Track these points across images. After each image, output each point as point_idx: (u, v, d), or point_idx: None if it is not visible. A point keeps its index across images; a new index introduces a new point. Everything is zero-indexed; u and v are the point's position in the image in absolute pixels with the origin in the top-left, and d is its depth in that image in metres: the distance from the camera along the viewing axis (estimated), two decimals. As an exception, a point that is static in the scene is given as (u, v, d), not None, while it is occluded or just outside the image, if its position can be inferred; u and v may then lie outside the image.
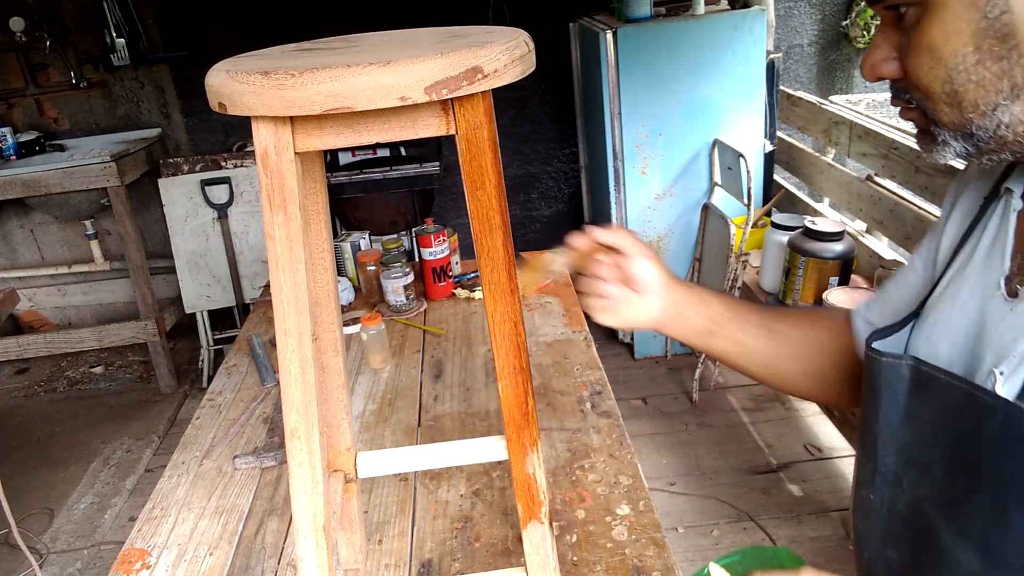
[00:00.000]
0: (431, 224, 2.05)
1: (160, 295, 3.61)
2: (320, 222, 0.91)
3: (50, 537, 2.59)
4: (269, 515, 1.30)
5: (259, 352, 1.83)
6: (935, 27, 0.58)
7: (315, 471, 0.84)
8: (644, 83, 2.82)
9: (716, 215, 2.88)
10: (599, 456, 1.35)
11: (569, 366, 1.65)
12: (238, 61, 0.75)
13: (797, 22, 3.47)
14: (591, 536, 1.16)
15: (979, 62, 0.57)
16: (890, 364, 0.68)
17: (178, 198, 3.26)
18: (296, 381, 0.80)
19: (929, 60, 0.59)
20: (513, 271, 0.79)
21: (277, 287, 0.78)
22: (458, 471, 1.35)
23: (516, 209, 3.77)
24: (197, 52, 3.42)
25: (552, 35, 3.39)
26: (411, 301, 1.99)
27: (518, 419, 0.84)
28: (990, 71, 0.57)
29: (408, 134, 0.73)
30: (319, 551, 0.86)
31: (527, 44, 0.74)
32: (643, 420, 2.85)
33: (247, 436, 1.53)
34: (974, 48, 0.57)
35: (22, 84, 3.48)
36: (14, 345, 3.46)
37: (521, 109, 3.57)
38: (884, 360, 0.69)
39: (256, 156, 0.73)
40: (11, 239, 3.79)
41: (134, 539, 1.27)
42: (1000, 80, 0.57)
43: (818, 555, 2.13)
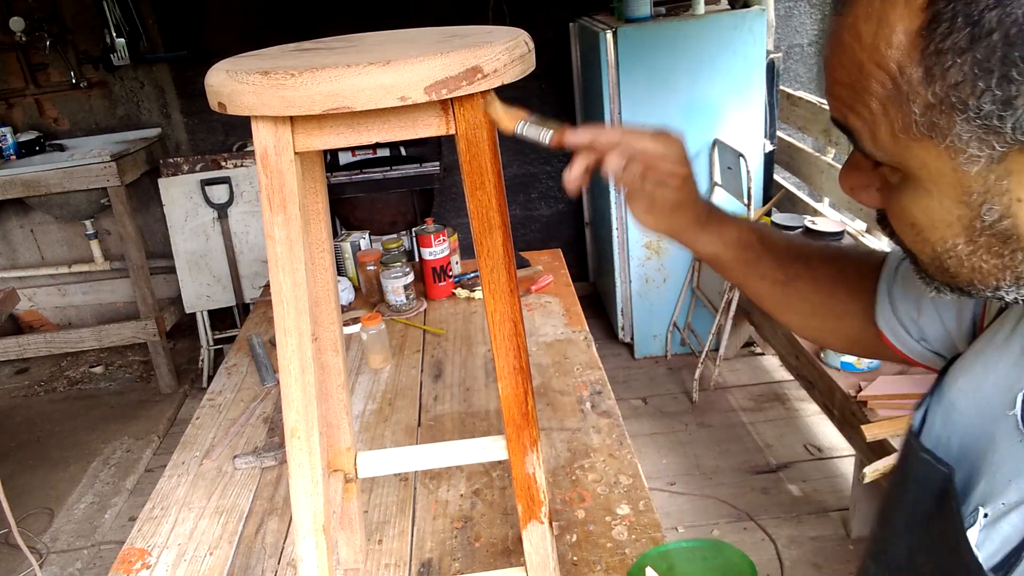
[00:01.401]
0: (431, 224, 2.05)
1: (160, 295, 3.61)
2: (320, 222, 0.91)
3: (50, 537, 2.59)
4: (269, 515, 1.30)
5: (259, 352, 1.83)
6: (917, 209, 0.50)
7: (315, 471, 0.84)
8: (644, 83, 2.82)
9: (716, 215, 2.88)
10: (599, 456, 1.35)
11: (569, 366, 1.65)
12: (238, 61, 0.75)
13: (797, 22, 3.47)
14: (591, 536, 1.16)
15: (973, 253, 0.49)
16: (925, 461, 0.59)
17: (178, 198, 3.26)
18: (296, 381, 0.80)
19: (912, 235, 0.52)
20: (513, 271, 0.79)
21: (277, 287, 0.78)
22: (458, 471, 1.35)
23: (516, 209, 3.77)
24: (197, 52, 3.41)
25: (552, 35, 3.39)
26: (411, 301, 1.99)
27: (518, 419, 0.84)
28: (987, 264, 0.49)
29: (408, 134, 0.73)
30: (319, 551, 0.86)
31: (527, 44, 0.74)
32: (643, 420, 2.85)
33: (247, 436, 1.53)
34: (967, 241, 0.49)
35: (22, 84, 3.48)
36: (14, 345, 3.46)
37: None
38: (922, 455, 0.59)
39: (256, 156, 0.73)
40: (11, 239, 3.79)
41: (134, 539, 1.27)
42: (1002, 272, 0.49)
43: (818, 555, 2.13)
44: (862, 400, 1.94)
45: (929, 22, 0.42)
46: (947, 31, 0.41)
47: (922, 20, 0.42)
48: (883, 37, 0.44)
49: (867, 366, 2.06)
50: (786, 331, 2.42)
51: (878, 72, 0.45)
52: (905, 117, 0.45)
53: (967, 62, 0.41)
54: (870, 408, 1.92)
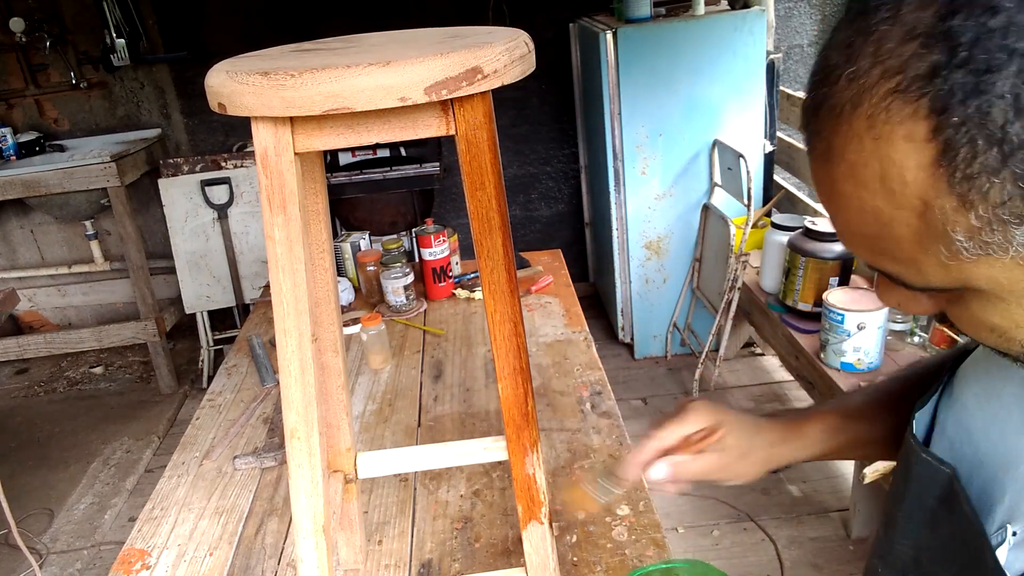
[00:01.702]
0: (431, 224, 2.05)
1: (160, 295, 3.61)
2: (320, 223, 0.91)
3: (50, 537, 2.59)
4: (269, 515, 1.30)
5: (259, 352, 1.83)
6: (995, 315, 0.45)
7: (315, 471, 0.84)
8: (644, 83, 2.82)
9: (716, 215, 2.88)
10: (599, 456, 1.35)
11: (569, 366, 1.65)
12: (238, 61, 0.75)
13: (797, 22, 3.47)
14: (591, 536, 1.16)
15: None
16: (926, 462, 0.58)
17: (178, 198, 3.26)
18: (296, 381, 0.80)
19: (994, 337, 0.47)
20: (513, 271, 0.79)
21: (277, 287, 0.78)
22: (458, 471, 1.35)
23: (516, 209, 3.76)
24: (197, 52, 3.41)
25: (552, 35, 3.39)
26: (411, 301, 1.99)
27: (518, 420, 0.84)
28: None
29: (408, 134, 0.73)
30: (319, 551, 0.86)
31: (527, 44, 0.74)
32: (643, 420, 2.85)
33: (247, 436, 1.53)
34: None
35: (22, 84, 3.48)
36: (14, 345, 3.46)
37: (521, 109, 3.57)
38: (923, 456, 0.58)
39: (256, 156, 0.73)
40: (11, 239, 3.79)
41: (134, 539, 1.27)
42: None
43: (818, 555, 2.13)
44: (862, 400, 1.94)
45: (944, 151, 0.38)
46: (970, 155, 0.37)
47: (934, 151, 0.38)
48: (893, 179, 0.40)
49: (867, 366, 2.06)
50: (786, 331, 2.42)
51: (900, 214, 0.41)
52: (950, 246, 0.40)
53: (1007, 179, 0.37)
54: (870, 408, 1.92)
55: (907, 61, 0.38)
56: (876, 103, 0.39)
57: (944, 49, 0.36)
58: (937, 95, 0.37)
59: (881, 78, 0.39)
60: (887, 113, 0.39)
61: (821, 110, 0.43)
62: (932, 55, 0.37)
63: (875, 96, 0.39)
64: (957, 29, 0.36)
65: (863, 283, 2.39)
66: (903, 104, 0.38)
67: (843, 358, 2.08)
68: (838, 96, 0.41)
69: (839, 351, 2.07)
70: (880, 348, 2.05)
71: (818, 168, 0.45)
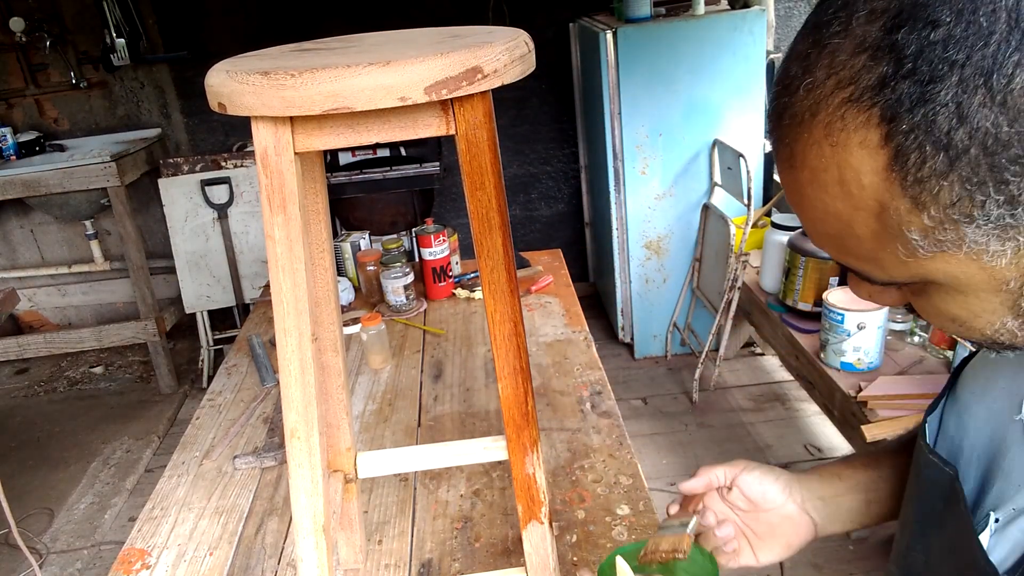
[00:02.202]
0: (431, 224, 2.05)
1: (160, 295, 3.61)
2: (320, 222, 0.91)
3: (50, 537, 2.59)
4: (269, 515, 1.30)
5: (259, 352, 1.83)
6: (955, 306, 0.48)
7: (315, 471, 0.84)
8: (644, 83, 2.82)
9: (716, 215, 2.88)
10: (599, 456, 1.35)
11: (569, 366, 1.65)
12: (238, 61, 0.75)
13: (797, 22, 3.47)
14: (591, 536, 1.16)
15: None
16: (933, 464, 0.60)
17: (178, 198, 3.26)
18: (296, 381, 0.80)
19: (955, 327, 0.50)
20: (513, 271, 0.79)
21: (277, 287, 0.78)
22: (458, 471, 1.35)
23: (516, 209, 3.77)
24: (197, 52, 3.41)
25: (552, 35, 3.39)
26: (411, 301, 1.99)
27: (518, 419, 0.84)
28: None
29: (408, 134, 0.73)
30: (319, 551, 0.86)
31: (527, 44, 0.74)
32: (643, 420, 2.85)
33: (247, 436, 1.53)
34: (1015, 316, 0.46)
35: (22, 84, 3.48)
36: (14, 345, 3.46)
37: (521, 109, 3.57)
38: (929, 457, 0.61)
39: (256, 156, 0.73)
40: (11, 239, 3.79)
41: (134, 539, 1.27)
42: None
43: (818, 555, 2.13)
44: (862, 400, 1.94)
45: (895, 157, 0.40)
46: (920, 160, 0.39)
47: (887, 157, 0.40)
48: (851, 182, 0.42)
49: (867, 366, 2.06)
50: (786, 331, 2.42)
51: (859, 215, 0.43)
52: (906, 244, 0.43)
53: (955, 182, 0.39)
54: (870, 408, 1.92)
55: (858, 72, 0.40)
56: (832, 112, 0.41)
57: (891, 61, 0.38)
58: (886, 104, 0.39)
59: (836, 88, 0.41)
60: (842, 121, 0.41)
61: (783, 118, 0.45)
62: (880, 66, 0.39)
63: (831, 105, 0.41)
64: (902, 42, 0.38)
65: (863, 283, 2.39)
66: (856, 113, 0.40)
67: (843, 358, 2.08)
68: (798, 105, 0.43)
69: (839, 351, 2.07)
70: (880, 348, 2.05)
71: (784, 173, 0.47)
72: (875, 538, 2.17)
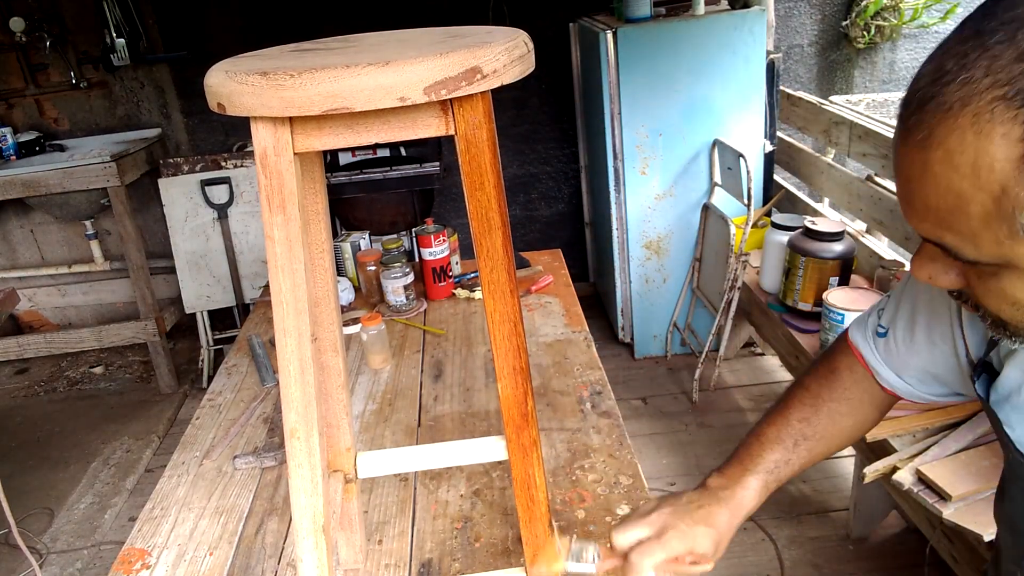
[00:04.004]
0: (431, 224, 2.05)
1: (160, 295, 3.61)
2: (319, 222, 0.91)
3: (50, 537, 2.59)
4: (269, 515, 1.30)
5: (259, 352, 1.83)
6: (1020, 289, 0.55)
7: (315, 471, 0.84)
8: (644, 83, 2.81)
9: (716, 215, 2.88)
10: (599, 456, 1.35)
11: (569, 366, 1.65)
12: (237, 61, 0.75)
13: (797, 22, 3.47)
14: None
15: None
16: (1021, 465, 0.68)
17: (178, 198, 3.26)
18: (296, 381, 0.80)
19: (1012, 310, 0.57)
20: (513, 271, 0.79)
21: (276, 287, 0.78)
22: (458, 471, 1.35)
23: (516, 209, 3.76)
24: (197, 52, 3.41)
25: (552, 35, 3.39)
26: (411, 301, 1.99)
27: (518, 419, 0.84)
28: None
29: (407, 134, 0.73)
30: (319, 551, 0.86)
31: (526, 44, 0.74)
32: (643, 420, 2.85)
33: (247, 436, 1.53)
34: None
35: (22, 84, 3.48)
36: (14, 345, 3.46)
37: (521, 109, 3.56)
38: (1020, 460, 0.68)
39: (255, 157, 0.73)
40: (11, 239, 3.79)
41: (134, 539, 1.27)
42: None
43: (818, 555, 2.13)
44: (862, 400, 1.94)
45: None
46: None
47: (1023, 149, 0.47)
48: (983, 166, 0.48)
49: (867, 366, 2.05)
50: (786, 331, 2.42)
51: (979, 195, 0.49)
52: (1012, 226, 0.50)
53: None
54: (870, 408, 1.92)
55: (1016, 77, 0.47)
56: (984, 105, 0.47)
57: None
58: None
59: (991, 86, 0.47)
60: (991, 114, 0.47)
61: (928, 104, 0.51)
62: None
63: (983, 100, 0.47)
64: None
65: (863, 283, 2.39)
66: (1006, 109, 0.47)
67: (843, 358, 2.07)
68: (950, 95, 0.49)
69: (839, 351, 2.07)
70: (880, 348, 2.04)
71: (911, 151, 0.52)
72: (875, 538, 2.17)
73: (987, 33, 0.48)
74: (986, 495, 1.53)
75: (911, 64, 3.52)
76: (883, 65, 3.52)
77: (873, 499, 2.08)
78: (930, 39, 3.47)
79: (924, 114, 0.51)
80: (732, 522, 0.87)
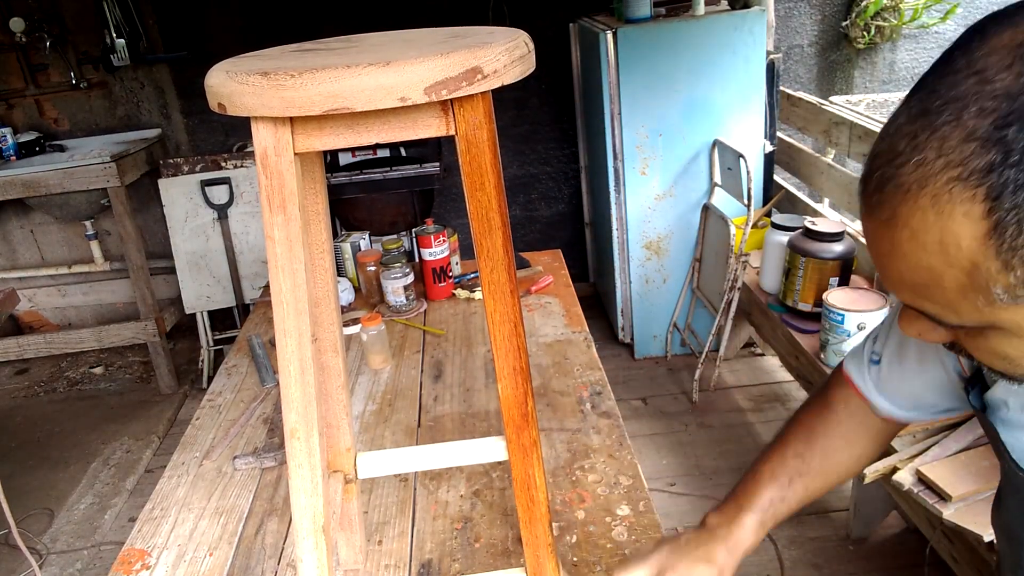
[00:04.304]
0: (431, 224, 2.05)
1: (160, 295, 3.61)
2: (320, 223, 0.91)
3: (50, 537, 2.58)
4: (269, 515, 1.30)
5: (259, 352, 1.83)
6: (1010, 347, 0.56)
7: (315, 471, 0.84)
8: (644, 83, 2.82)
9: (716, 215, 2.88)
10: (599, 456, 1.35)
11: (569, 366, 1.65)
12: (238, 61, 0.75)
13: (797, 22, 3.47)
14: (591, 536, 1.16)
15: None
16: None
17: (178, 198, 3.26)
18: (296, 381, 0.80)
19: (1004, 364, 0.58)
20: (513, 271, 0.79)
21: (277, 288, 0.78)
22: (458, 471, 1.35)
23: (516, 209, 3.76)
24: (197, 52, 3.41)
25: (552, 35, 3.39)
26: (411, 301, 1.99)
27: (518, 420, 0.84)
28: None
29: (408, 134, 0.73)
30: (319, 551, 0.86)
31: (527, 44, 0.74)
32: (643, 420, 2.85)
33: (247, 436, 1.53)
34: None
35: (22, 84, 3.48)
36: (14, 345, 3.46)
37: (521, 109, 3.57)
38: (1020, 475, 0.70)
39: (256, 157, 0.73)
40: (11, 239, 3.79)
41: (134, 539, 1.27)
42: None
43: (818, 555, 2.13)
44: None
45: (995, 228, 0.47)
46: (1016, 232, 0.47)
47: (987, 227, 0.47)
48: (949, 244, 0.49)
49: (867, 366, 2.05)
50: (786, 331, 2.42)
51: (950, 270, 0.50)
52: (988, 296, 0.50)
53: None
54: (870, 408, 1.92)
55: (967, 157, 0.47)
56: (940, 186, 0.48)
57: (999, 152, 0.46)
58: (992, 186, 0.46)
59: (945, 167, 0.48)
60: (949, 195, 0.48)
61: (888, 185, 0.51)
62: (988, 155, 0.46)
63: (939, 181, 0.48)
64: (1011, 137, 0.46)
65: (863, 283, 2.39)
66: (963, 190, 0.47)
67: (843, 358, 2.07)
68: (905, 176, 0.50)
69: (839, 351, 2.07)
70: (880, 348, 2.04)
71: (878, 228, 0.53)
72: (875, 538, 2.17)
73: (933, 113, 0.49)
74: (986, 495, 1.53)
75: (911, 64, 3.52)
76: (883, 65, 3.52)
77: (873, 499, 2.08)
78: (930, 39, 3.47)
79: (884, 194, 0.52)
80: (731, 560, 0.88)
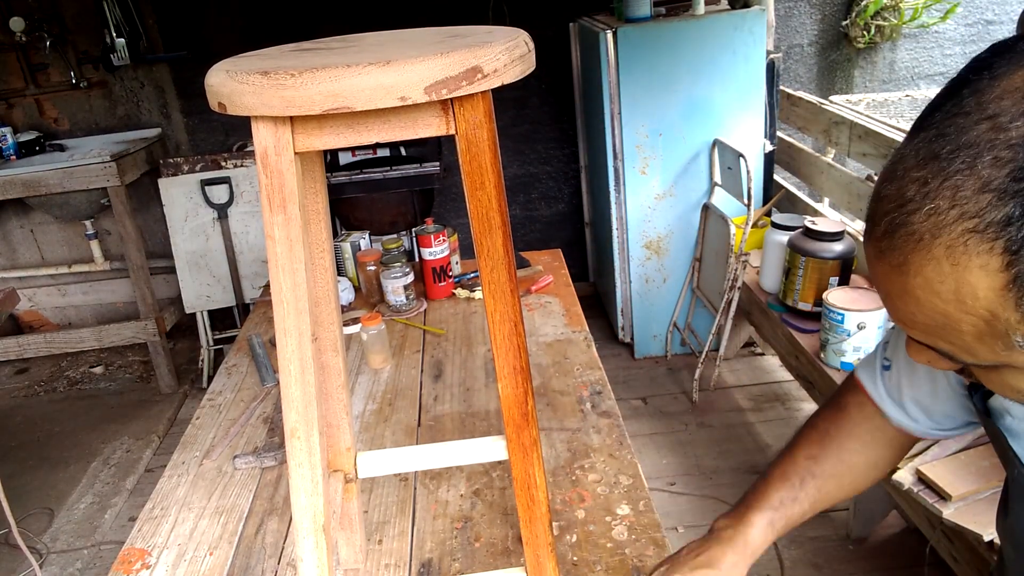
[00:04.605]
0: (431, 224, 2.05)
1: (160, 295, 3.61)
2: (320, 222, 0.91)
3: (50, 537, 2.58)
4: (269, 515, 1.30)
5: (259, 352, 1.83)
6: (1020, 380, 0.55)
7: (315, 471, 0.84)
8: (644, 83, 2.82)
9: (716, 215, 2.88)
10: (599, 456, 1.35)
11: (569, 366, 1.65)
12: (238, 61, 0.75)
13: (797, 22, 3.47)
14: (591, 536, 1.16)
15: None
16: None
17: (178, 198, 3.26)
18: (296, 381, 0.80)
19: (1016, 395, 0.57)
20: (513, 271, 0.79)
21: (277, 287, 0.78)
22: (458, 471, 1.35)
23: (516, 209, 3.76)
24: (197, 52, 3.41)
25: (552, 35, 3.39)
26: (411, 301, 1.99)
27: (518, 419, 0.84)
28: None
29: (408, 134, 0.73)
30: (319, 551, 0.86)
31: (527, 44, 0.74)
32: (643, 420, 2.85)
33: (247, 436, 1.53)
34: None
35: (22, 84, 3.48)
36: (14, 345, 3.46)
37: (521, 109, 3.56)
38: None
39: (256, 156, 0.73)
40: (11, 239, 3.79)
41: (134, 539, 1.27)
42: None
43: (818, 555, 2.13)
44: (862, 400, 1.94)
45: (1014, 280, 0.46)
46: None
47: (1006, 279, 0.46)
48: (966, 295, 0.48)
49: (867, 366, 2.05)
50: (786, 331, 2.42)
51: (967, 317, 0.49)
52: (1007, 343, 0.49)
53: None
54: (870, 408, 1.92)
55: (983, 209, 0.46)
56: (955, 237, 0.47)
57: (1017, 205, 0.45)
58: (1011, 239, 0.45)
59: (959, 218, 0.47)
60: (965, 247, 0.47)
61: (899, 232, 0.50)
62: (1006, 208, 0.45)
63: (954, 232, 0.47)
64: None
65: (863, 283, 2.39)
66: (979, 241, 0.46)
67: (843, 358, 2.08)
68: (917, 225, 0.48)
69: (839, 351, 2.07)
70: (880, 348, 2.04)
71: (890, 274, 0.52)
72: (875, 538, 2.17)
73: (944, 159, 0.47)
74: (986, 495, 1.53)
75: (911, 64, 3.52)
76: (883, 65, 3.52)
77: (873, 499, 2.08)
78: (930, 39, 3.47)
79: (895, 240, 0.50)
80: (738, 562, 0.86)
